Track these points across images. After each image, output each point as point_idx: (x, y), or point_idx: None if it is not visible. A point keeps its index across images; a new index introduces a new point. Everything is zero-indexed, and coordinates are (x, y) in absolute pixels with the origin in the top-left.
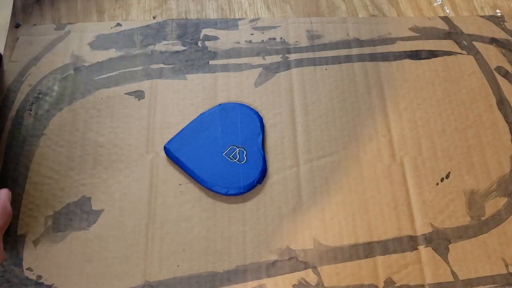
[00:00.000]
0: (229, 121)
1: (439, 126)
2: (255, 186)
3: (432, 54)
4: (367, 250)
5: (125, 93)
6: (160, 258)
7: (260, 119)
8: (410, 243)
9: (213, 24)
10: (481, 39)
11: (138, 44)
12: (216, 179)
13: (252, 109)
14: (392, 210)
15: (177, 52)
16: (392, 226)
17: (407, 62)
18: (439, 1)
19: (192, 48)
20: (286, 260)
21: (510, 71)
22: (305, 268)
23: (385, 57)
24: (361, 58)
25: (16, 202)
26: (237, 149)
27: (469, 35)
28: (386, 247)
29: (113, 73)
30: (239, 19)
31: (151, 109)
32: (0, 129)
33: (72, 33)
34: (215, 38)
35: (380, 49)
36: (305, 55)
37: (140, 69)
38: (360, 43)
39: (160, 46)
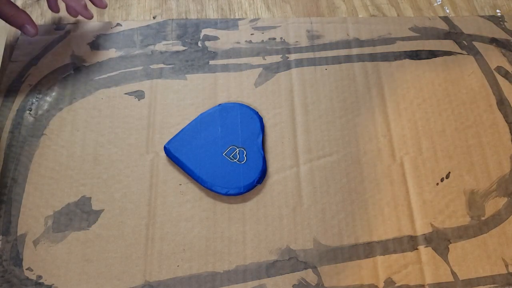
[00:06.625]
0: (229, 121)
1: (439, 126)
2: (255, 186)
3: (432, 54)
4: (367, 250)
5: (125, 93)
6: (160, 258)
7: (260, 119)
8: (410, 243)
9: (213, 24)
10: (481, 39)
11: (138, 44)
12: (216, 179)
13: (252, 109)
14: (392, 210)
15: (177, 52)
16: (392, 226)
17: (407, 62)
18: (439, 1)
19: (192, 48)
20: (286, 260)
21: (510, 71)
22: (305, 268)
23: (385, 57)
24: (361, 58)
25: (16, 202)
26: (237, 149)
27: (469, 35)
28: (386, 247)
29: (113, 73)
30: (239, 19)
31: (151, 109)
32: (0, 129)
33: (72, 33)
34: (215, 38)
35: (380, 49)
36: (305, 55)
37: (140, 69)
38: (360, 43)
39: (160, 46)
